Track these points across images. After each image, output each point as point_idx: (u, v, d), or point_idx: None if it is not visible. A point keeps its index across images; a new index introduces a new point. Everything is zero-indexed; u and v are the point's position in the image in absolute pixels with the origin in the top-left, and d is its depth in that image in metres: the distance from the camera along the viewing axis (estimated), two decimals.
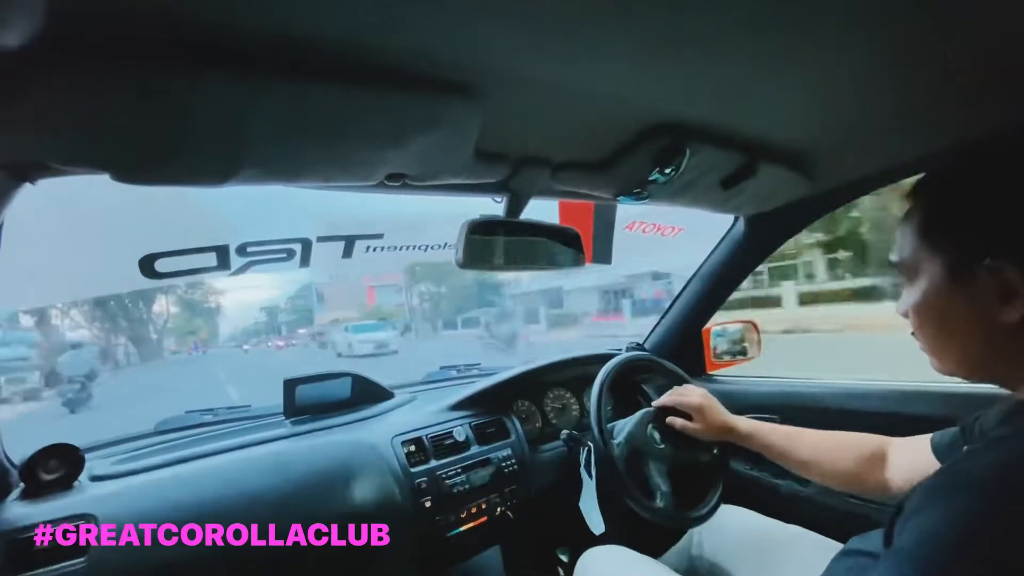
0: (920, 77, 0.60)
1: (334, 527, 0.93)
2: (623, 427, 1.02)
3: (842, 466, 0.80)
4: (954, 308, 0.48)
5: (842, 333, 8.56)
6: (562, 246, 0.92)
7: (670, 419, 1.00)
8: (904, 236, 0.52)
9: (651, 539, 1.06)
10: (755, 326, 1.53)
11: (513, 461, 1.17)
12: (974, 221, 0.46)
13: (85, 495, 0.82)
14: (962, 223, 0.47)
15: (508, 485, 1.15)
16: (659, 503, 0.94)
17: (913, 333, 0.55)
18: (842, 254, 11.21)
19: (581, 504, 1.07)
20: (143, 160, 0.56)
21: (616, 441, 0.99)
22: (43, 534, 0.73)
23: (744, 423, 0.94)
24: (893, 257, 0.55)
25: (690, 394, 1.01)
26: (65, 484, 0.83)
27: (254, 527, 0.85)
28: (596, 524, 1.04)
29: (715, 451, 1.04)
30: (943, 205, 0.49)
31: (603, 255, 2.07)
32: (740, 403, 1.30)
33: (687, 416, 0.99)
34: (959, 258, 0.47)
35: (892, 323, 0.60)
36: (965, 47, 0.53)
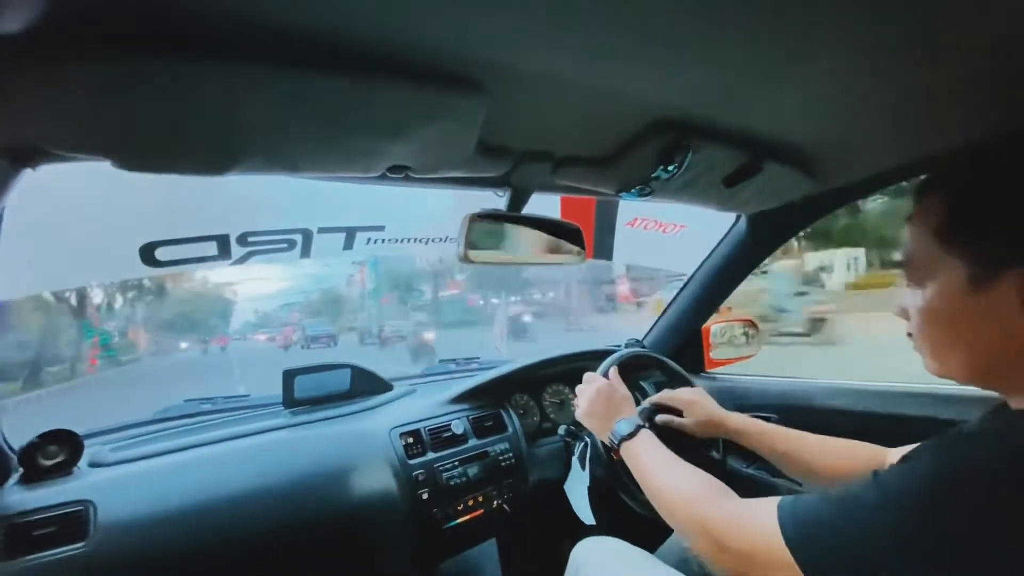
0: (924, 78, 0.60)
1: (332, 517, 0.94)
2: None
3: (841, 471, 0.79)
4: (968, 313, 0.47)
5: None
6: (563, 241, 0.92)
7: (659, 417, 1.01)
8: (917, 235, 0.50)
9: (646, 534, 1.06)
10: (755, 324, 1.53)
11: (510, 455, 1.17)
12: (1001, 226, 0.44)
13: (84, 481, 0.82)
14: (988, 228, 0.45)
15: (505, 478, 1.16)
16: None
17: (909, 334, 0.54)
18: None
19: (567, 488, 1.08)
20: (144, 148, 0.56)
21: None
22: (42, 520, 0.74)
23: (736, 418, 0.94)
24: (900, 256, 0.53)
25: (681, 392, 1.02)
26: (64, 470, 0.84)
27: (251, 516, 0.86)
28: (585, 515, 1.05)
29: (714, 453, 1.04)
30: (967, 207, 0.47)
31: (604, 251, 2.07)
32: (739, 401, 1.31)
33: (678, 413, 1.00)
34: (982, 263, 0.45)
35: None
36: (968, 48, 0.53)
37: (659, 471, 0.72)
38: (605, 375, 1.03)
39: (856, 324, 7.57)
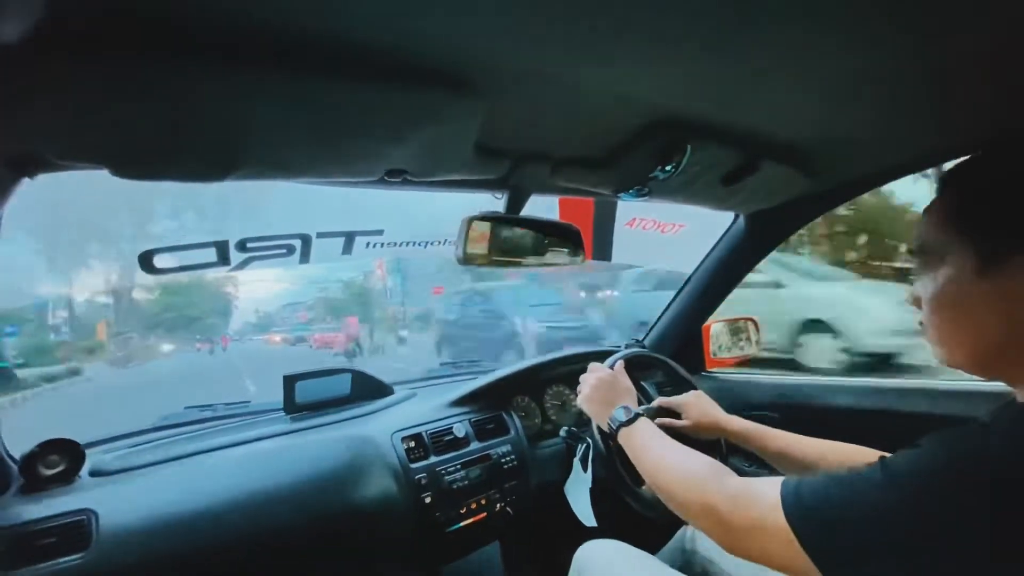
0: (921, 77, 0.60)
1: (334, 522, 0.93)
2: None
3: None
4: (977, 298, 0.47)
5: None
6: (562, 242, 0.92)
7: (658, 420, 1.00)
8: (930, 223, 0.51)
9: (647, 535, 1.06)
10: (755, 323, 1.53)
11: (512, 457, 1.17)
12: (1011, 213, 0.45)
13: (85, 491, 0.82)
14: (997, 214, 0.46)
15: (507, 481, 1.15)
16: (647, 492, 0.94)
17: (920, 323, 0.54)
18: None
19: (567, 489, 1.08)
20: (142, 155, 0.56)
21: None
22: (43, 530, 0.73)
23: (736, 422, 0.93)
24: (913, 244, 0.54)
25: (679, 395, 1.02)
26: (65, 479, 0.83)
27: (253, 522, 0.86)
28: (586, 516, 1.05)
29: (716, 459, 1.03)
30: (978, 194, 0.48)
31: (603, 251, 2.08)
32: (739, 401, 1.30)
33: (676, 416, 0.99)
34: (991, 249, 0.46)
35: None
36: (966, 47, 0.53)
37: (658, 453, 0.72)
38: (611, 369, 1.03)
39: None
